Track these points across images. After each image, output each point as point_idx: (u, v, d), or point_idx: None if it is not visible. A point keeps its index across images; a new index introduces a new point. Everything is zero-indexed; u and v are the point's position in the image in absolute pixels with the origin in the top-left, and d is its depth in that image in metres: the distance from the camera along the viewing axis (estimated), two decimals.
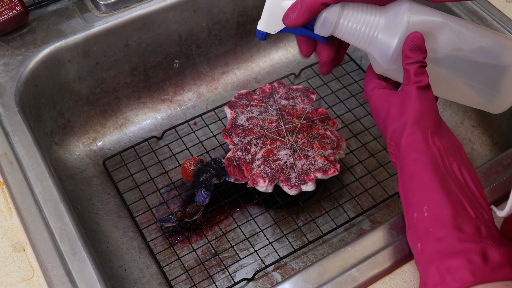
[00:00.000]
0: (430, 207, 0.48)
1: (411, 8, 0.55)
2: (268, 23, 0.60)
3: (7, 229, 0.60)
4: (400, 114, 0.54)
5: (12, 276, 0.57)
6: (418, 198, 0.50)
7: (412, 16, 0.55)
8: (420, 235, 0.48)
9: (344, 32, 0.57)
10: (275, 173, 0.73)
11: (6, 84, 0.73)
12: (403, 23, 0.55)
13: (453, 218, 0.47)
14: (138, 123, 0.88)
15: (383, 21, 0.56)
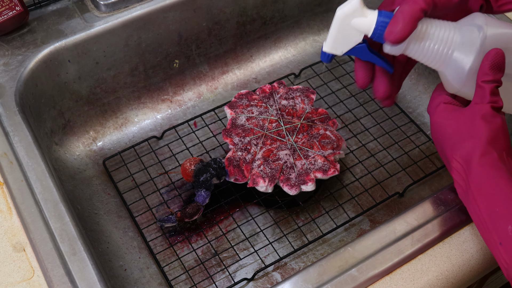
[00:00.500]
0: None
1: (487, 22, 0.53)
2: (335, 44, 0.56)
3: (7, 229, 0.60)
4: (472, 133, 0.53)
5: (12, 276, 0.57)
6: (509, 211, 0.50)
7: (489, 30, 0.52)
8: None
9: (417, 50, 0.54)
10: (275, 173, 0.73)
11: (6, 84, 0.73)
12: (480, 39, 0.52)
13: None
14: (138, 123, 0.88)
15: (458, 37, 0.53)
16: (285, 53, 0.98)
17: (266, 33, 0.96)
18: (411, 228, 0.62)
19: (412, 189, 0.81)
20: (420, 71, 0.93)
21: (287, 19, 0.96)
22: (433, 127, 0.57)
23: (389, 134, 0.86)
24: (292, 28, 0.98)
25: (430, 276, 0.59)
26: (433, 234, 0.61)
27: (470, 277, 0.60)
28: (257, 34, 0.95)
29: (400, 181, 0.82)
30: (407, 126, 0.88)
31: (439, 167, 0.83)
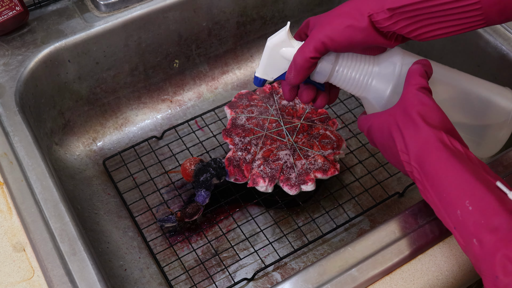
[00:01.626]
0: (473, 200, 0.47)
1: (403, 59, 0.58)
2: (266, 71, 0.62)
3: (7, 229, 0.60)
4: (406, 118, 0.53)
5: (12, 276, 0.57)
6: (456, 194, 0.48)
7: (405, 64, 0.57)
8: (472, 230, 0.47)
9: (339, 79, 0.59)
10: (275, 173, 0.73)
11: (6, 84, 0.73)
12: (396, 72, 0.57)
13: (500, 203, 0.46)
14: (138, 123, 0.88)
15: (377, 69, 0.58)
16: None
17: (266, 33, 0.96)
18: (411, 228, 0.62)
19: (412, 189, 0.81)
20: None
21: (287, 19, 0.96)
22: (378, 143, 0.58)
23: None
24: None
25: (430, 276, 0.59)
26: (433, 234, 0.61)
27: (470, 277, 0.60)
28: (257, 34, 0.95)
29: (400, 181, 0.82)
30: None
31: None
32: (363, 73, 0.58)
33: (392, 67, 0.58)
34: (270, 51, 0.60)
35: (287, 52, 0.59)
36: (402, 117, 0.53)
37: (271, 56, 0.60)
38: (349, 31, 0.56)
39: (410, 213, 0.63)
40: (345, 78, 0.59)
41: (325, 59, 0.58)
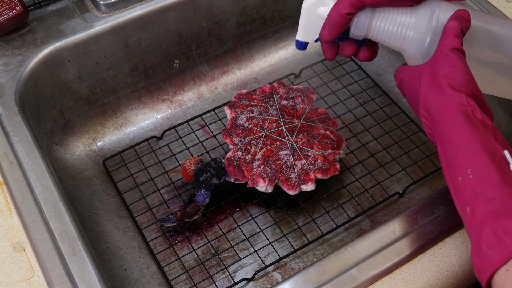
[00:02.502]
0: (475, 169, 0.47)
1: (440, 7, 0.56)
2: (306, 32, 0.61)
3: (7, 229, 0.60)
4: (432, 77, 0.52)
5: (12, 276, 0.57)
6: (461, 161, 0.48)
7: (442, 13, 0.56)
8: (468, 198, 0.47)
9: (378, 33, 0.58)
10: (275, 173, 0.73)
11: (6, 84, 0.73)
12: (433, 21, 0.56)
13: (500, 176, 0.45)
14: (138, 123, 0.88)
15: (414, 20, 0.57)
16: (285, 53, 0.98)
17: (266, 33, 0.96)
18: (411, 228, 0.62)
19: (412, 189, 0.81)
20: None
21: (287, 19, 0.96)
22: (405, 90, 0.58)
23: (389, 134, 0.86)
24: (292, 28, 0.98)
25: (430, 276, 0.59)
26: (433, 234, 0.61)
27: (470, 277, 0.60)
28: (257, 34, 0.95)
29: (400, 181, 0.82)
30: (407, 126, 0.88)
31: (439, 167, 0.83)
32: (400, 25, 0.57)
33: (429, 17, 0.56)
34: (307, 12, 0.59)
35: (324, 11, 0.58)
36: (429, 76, 0.53)
37: (308, 17, 0.60)
38: None
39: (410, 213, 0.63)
40: (383, 31, 0.58)
41: (360, 14, 0.57)
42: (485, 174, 0.46)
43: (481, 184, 0.46)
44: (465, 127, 0.49)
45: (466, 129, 0.49)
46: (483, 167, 0.47)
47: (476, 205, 0.46)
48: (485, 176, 0.46)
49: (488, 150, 0.47)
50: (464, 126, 0.49)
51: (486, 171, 0.46)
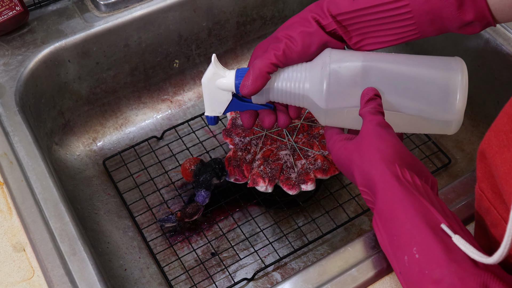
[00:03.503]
0: (420, 247, 0.46)
1: (330, 54, 0.57)
2: (213, 107, 0.62)
3: (7, 229, 0.60)
4: (362, 157, 0.52)
5: (12, 276, 0.57)
6: (405, 239, 0.47)
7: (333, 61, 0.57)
8: (416, 279, 0.45)
9: (278, 96, 0.59)
10: (275, 173, 0.73)
11: (6, 84, 0.73)
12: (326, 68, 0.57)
13: (445, 253, 0.44)
14: (138, 123, 0.88)
15: (308, 73, 0.58)
16: None
17: (266, 33, 0.96)
18: None
19: None
20: None
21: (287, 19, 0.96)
22: (336, 165, 0.58)
23: None
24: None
25: None
26: None
27: None
28: (257, 34, 0.95)
29: None
30: None
31: (439, 167, 0.83)
32: (297, 81, 0.58)
33: (321, 67, 0.57)
34: (207, 88, 0.61)
35: (222, 84, 0.60)
36: (360, 154, 0.53)
37: (210, 93, 0.61)
38: (303, 36, 0.58)
39: None
40: (283, 91, 0.59)
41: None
42: (431, 252, 0.45)
43: (428, 264, 0.45)
44: (406, 203, 0.48)
45: (407, 205, 0.48)
46: (428, 245, 0.45)
47: (424, 286, 0.45)
48: (431, 255, 0.45)
49: (430, 224, 0.46)
50: (404, 202, 0.48)
51: (431, 249, 0.45)
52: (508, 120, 0.44)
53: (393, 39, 0.59)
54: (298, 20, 0.60)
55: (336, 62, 0.57)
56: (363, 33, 0.59)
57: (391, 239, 0.48)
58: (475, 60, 0.83)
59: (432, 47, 0.90)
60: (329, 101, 0.57)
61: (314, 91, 0.57)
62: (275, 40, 0.59)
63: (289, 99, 0.59)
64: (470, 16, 0.56)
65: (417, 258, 0.45)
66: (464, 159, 0.85)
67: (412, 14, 0.56)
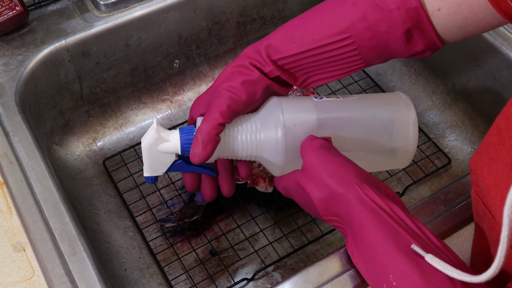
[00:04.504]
0: (396, 275, 0.44)
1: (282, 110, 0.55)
2: (153, 168, 0.59)
3: (7, 229, 0.60)
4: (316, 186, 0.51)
5: (12, 276, 0.57)
6: (380, 267, 0.46)
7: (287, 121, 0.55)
8: None
9: (227, 153, 0.57)
10: None
11: (6, 84, 0.73)
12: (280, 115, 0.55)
13: (421, 277, 0.43)
14: (138, 123, 0.88)
15: (259, 124, 0.56)
16: None
17: (266, 33, 0.96)
18: None
19: (412, 189, 0.81)
20: (419, 71, 0.93)
21: (287, 19, 0.96)
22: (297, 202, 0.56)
23: None
24: None
25: None
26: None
27: None
28: (257, 34, 0.95)
29: (400, 181, 0.82)
30: None
31: (439, 167, 0.83)
32: (248, 132, 0.56)
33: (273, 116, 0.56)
34: (148, 152, 0.57)
35: (166, 147, 0.57)
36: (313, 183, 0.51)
37: (151, 156, 0.58)
38: (246, 85, 0.55)
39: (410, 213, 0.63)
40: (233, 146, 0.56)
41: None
42: (408, 278, 0.44)
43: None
44: (373, 228, 0.47)
45: (375, 230, 0.46)
46: (404, 270, 0.44)
47: None
48: (408, 281, 0.44)
49: (402, 248, 0.45)
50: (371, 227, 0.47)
51: (408, 275, 0.44)
52: (496, 132, 0.43)
53: (340, 73, 0.57)
54: (237, 69, 0.56)
55: (290, 120, 0.55)
56: (308, 72, 0.57)
57: (368, 266, 0.47)
58: (475, 60, 0.83)
59: None
60: (287, 156, 0.55)
61: (270, 148, 0.56)
62: (216, 94, 0.55)
63: (241, 155, 0.57)
64: (419, 46, 0.54)
65: (395, 285, 0.44)
66: (464, 159, 0.85)
67: (358, 51, 0.54)
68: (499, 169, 0.41)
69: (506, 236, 0.37)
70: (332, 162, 0.51)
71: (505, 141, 0.42)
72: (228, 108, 0.54)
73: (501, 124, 0.43)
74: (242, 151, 0.57)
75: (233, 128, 0.56)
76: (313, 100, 0.58)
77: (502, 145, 0.42)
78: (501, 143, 0.42)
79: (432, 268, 0.44)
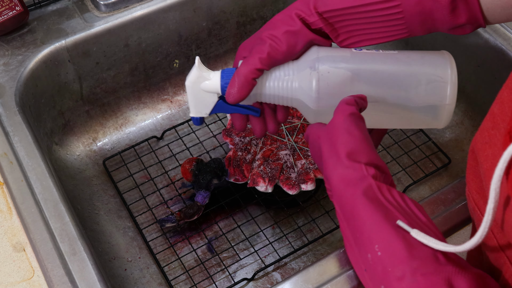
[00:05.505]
0: (381, 245, 0.45)
1: (319, 55, 0.57)
2: (198, 108, 0.61)
3: (7, 229, 0.60)
4: (330, 148, 0.51)
5: (12, 276, 0.57)
6: (367, 237, 0.46)
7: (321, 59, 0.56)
8: (381, 277, 0.45)
9: (266, 95, 0.58)
10: (275, 173, 0.73)
11: (6, 84, 0.73)
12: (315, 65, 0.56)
13: (406, 249, 0.44)
14: (138, 123, 0.88)
15: (297, 73, 0.57)
16: None
17: None
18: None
19: (412, 189, 0.81)
20: None
21: None
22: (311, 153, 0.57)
23: (389, 134, 0.86)
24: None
25: None
26: None
27: None
28: None
29: (400, 181, 0.82)
30: None
31: (439, 167, 0.83)
32: (285, 80, 0.57)
33: (309, 68, 0.56)
34: (191, 90, 0.60)
35: (207, 86, 0.59)
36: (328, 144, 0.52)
37: (194, 94, 0.60)
38: (287, 36, 0.56)
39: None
40: (270, 91, 0.58)
41: None
42: (392, 249, 0.45)
43: (390, 261, 0.44)
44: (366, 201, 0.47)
45: (368, 204, 0.47)
46: (389, 241, 0.45)
47: (389, 283, 0.44)
48: (393, 251, 0.45)
49: (391, 222, 0.46)
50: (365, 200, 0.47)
51: (393, 246, 0.45)
52: (490, 117, 0.44)
53: (381, 37, 0.58)
54: (282, 18, 0.58)
55: (325, 64, 0.56)
56: (351, 31, 0.58)
57: (355, 236, 0.48)
58: (475, 60, 0.83)
59: (432, 46, 0.90)
60: (319, 102, 0.56)
61: (304, 93, 0.57)
62: (259, 41, 0.57)
63: (277, 100, 0.59)
64: (462, 19, 0.55)
65: (380, 255, 0.45)
66: (464, 159, 0.85)
67: (403, 15, 0.55)
68: (494, 154, 0.42)
69: (492, 208, 0.38)
70: (352, 134, 0.51)
71: (499, 124, 0.42)
72: (268, 56, 0.56)
73: (495, 108, 0.44)
74: (277, 96, 0.58)
75: (271, 73, 0.57)
76: (352, 51, 0.58)
77: (496, 129, 0.42)
78: (495, 127, 0.43)
79: (418, 243, 0.44)
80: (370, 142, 0.52)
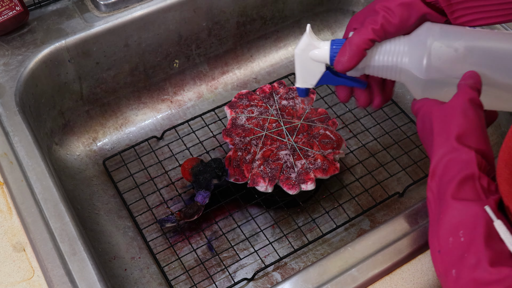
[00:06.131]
0: (466, 231, 0.45)
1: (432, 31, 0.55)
2: (305, 79, 0.60)
3: (7, 229, 0.60)
4: (442, 126, 0.51)
5: (12, 276, 0.57)
6: (455, 222, 0.46)
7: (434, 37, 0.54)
8: (455, 261, 0.45)
9: (373, 70, 0.57)
10: (275, 173, 0.73)
11: (6, 84, 0.73)
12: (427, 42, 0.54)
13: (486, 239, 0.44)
14: (138, 123, 0.88)
15: (407, 47, 0.56)
16: (285, 53, 0.98)
17: (266, 33, 0.96)
18: (411, 228, 0.62)
19: (412, 189, 0.81)
20: None
21: (287, 19, 0.96)
22: (418, 128, 0.56)
23: (389, 134, 0.86)
24: (292, 28, 0.98)
25: (430, 276, 0.59)
26: None
27: None
28: (257, 34, 0.95)
29: (400, 181, 0.82)
30: (407, 126, 0.88)
31: None
32: (395, 54, 0.56)
33: (421, 43, 0.55)
34: (300, 58, 0.59)
35: (316, 55, 0.58)
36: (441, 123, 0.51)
37: (302, 64, 0.59)
38: (401, 8, 0.55)
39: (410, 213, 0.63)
40: (380, 64, 0.57)
41: None
42: (475, 237, 0.45)
43: (469, 247, 0.45)
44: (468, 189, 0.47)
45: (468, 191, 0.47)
46: (474, 229, 0.45)
47: (462, 269, 0.44)
48: (474, 239, 0.45)
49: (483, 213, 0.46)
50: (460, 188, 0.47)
51: (476, 234, 0.45)
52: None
53: (500, 15, 0.54)
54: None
55: (439, 40, 0.54)
56: (468, 8, 0.55)
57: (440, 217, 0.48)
58: None
59: None
60: (429, 73, 0.54)
61: (414, 65, 0.55)
62: (371, 12, 0.56)
63: (385, 73, 0.57)
64: None
65: (462, 241, 0.45)
66: None
67: None
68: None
69: None
70: (468, 118, 0.50)
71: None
72: (381, 27, 0.55)
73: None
74: (386, 68, 0.57)
75: (381, 45, 0.56)
76: (466, 29, 0.56)
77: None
78: None
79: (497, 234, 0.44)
80: (485, 131, 0.51)
